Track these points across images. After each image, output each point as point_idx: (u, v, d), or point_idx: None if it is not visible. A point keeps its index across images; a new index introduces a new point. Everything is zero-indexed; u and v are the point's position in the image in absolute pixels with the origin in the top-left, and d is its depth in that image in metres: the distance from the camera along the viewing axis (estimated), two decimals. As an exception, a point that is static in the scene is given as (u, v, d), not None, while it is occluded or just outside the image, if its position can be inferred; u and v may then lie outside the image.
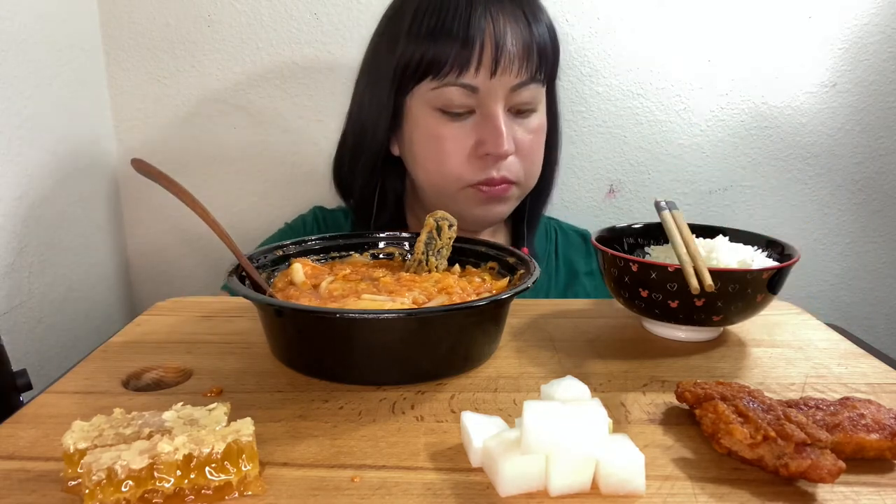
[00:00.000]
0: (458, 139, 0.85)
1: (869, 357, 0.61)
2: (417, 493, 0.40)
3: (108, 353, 0.61)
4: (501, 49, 0.81)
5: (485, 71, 0.82)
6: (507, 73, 0.82)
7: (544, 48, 0.86)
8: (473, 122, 0.85)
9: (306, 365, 0.56)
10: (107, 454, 0.38)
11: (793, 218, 1.21)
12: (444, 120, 0.85)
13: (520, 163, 0.88)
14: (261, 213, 1.21)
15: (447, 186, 0.89)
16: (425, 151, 0.88)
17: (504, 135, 0.83)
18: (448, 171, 0.87)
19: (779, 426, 0.42)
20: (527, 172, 0.90)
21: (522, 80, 0.84)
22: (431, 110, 0.85)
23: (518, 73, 0.83)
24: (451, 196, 0.89)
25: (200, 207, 0.58)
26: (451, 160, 0.86)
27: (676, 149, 1.17)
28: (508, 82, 0.83)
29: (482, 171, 0.86)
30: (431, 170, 0.89)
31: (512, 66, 0.82)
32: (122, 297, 1.21)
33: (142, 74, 1.14)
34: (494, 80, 0.82)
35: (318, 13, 1.12)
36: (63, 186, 1.01)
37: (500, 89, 0.83)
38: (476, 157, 0.85)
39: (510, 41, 0.82)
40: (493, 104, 0.83)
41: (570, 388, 0.45)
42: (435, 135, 0.86)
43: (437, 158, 0.87)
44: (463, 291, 0.60)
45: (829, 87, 1.14)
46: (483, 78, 0.82)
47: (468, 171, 0.86)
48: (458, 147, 0.85)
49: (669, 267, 0.58)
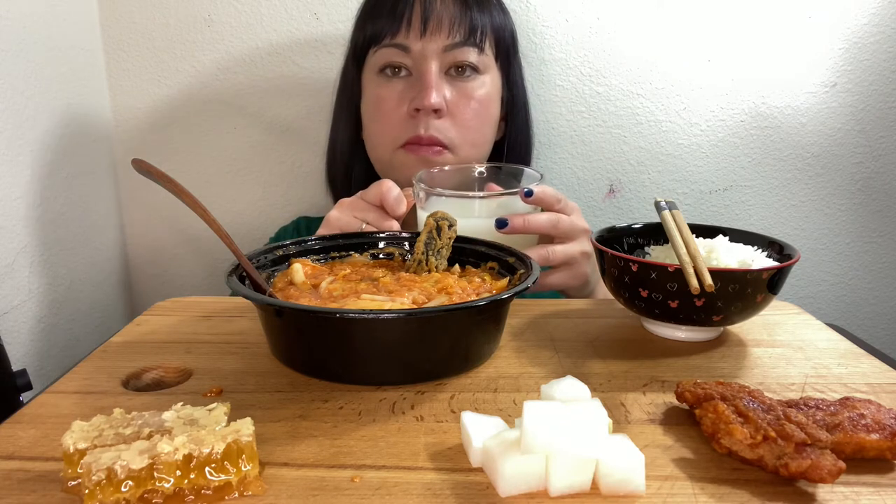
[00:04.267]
0: (395, 99, 0.92)
1: (869, 357, 0.61)
2: (417, 493, 0.40)
3: (108, 353, 0.61)
4: (429, 11, 0.89)
5: (415, 32, 0.90)
6: (437, 34, 0.90)
7: (481, 18, 0.92)
8: (409, 82, 0.92)
9: (306, 365, 0.56)
10: (107, 454, 0.38)
11: (793, 218, 1.21)
12: (383, 82, 0.93)
13: (453, 127, 0.92)
14: (261, 213, 1.21)
15: (384, 151, 0.95)
16: (369, 116, 0.96)
17: (432, 88, 0.89)
18: (384, 130, 0.94)
19: (779, 426, 0.42)
20: (461, 138, 0.93)
21: (455, 42, 0.90)
22: (374, 76, 0.94)
23: (450, 34, 0.90)
24: (388, 163, 0.95)
25: (200, 207, 0.58)
26: (386, 120, 0.93)
27: (676, 149, 1.17)
28: (440, 42, 0.90)
29: (413, 129, 0.91)
30: (371, 133, 0.97)
31: (441, 27, 0.90)
32: (122, 297, 1.21)
33: (142, 74, 1.14)
34: (425, 39, 0.90)
35: (318, 13, 1.12)
36: (63, 186, 1.01)
37: (431, 49, 0.90)
38: (408, 115, 0.92)
39: (438, 4, 0.90)
40: (424, 62, 0.91)
41: (570, 388, 0.45)
42: (375, 97, 0.94)
43: (375, 119, 0.95)
44: (463, 291, 0.60)
45: (829, 87, 1.14)
46: (414, 39, 0.90)
47: (400, 130, 0.92)
48: (395, 107, 0.92)
49: (669, 267, 0.58)
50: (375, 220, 0.77)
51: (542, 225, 0.76)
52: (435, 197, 0.80)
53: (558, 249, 0.77)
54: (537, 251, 0.76)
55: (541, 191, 0.76)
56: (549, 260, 0.77)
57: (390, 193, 0.77)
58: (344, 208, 0.79)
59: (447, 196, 0.79)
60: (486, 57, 0.94)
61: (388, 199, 0.76)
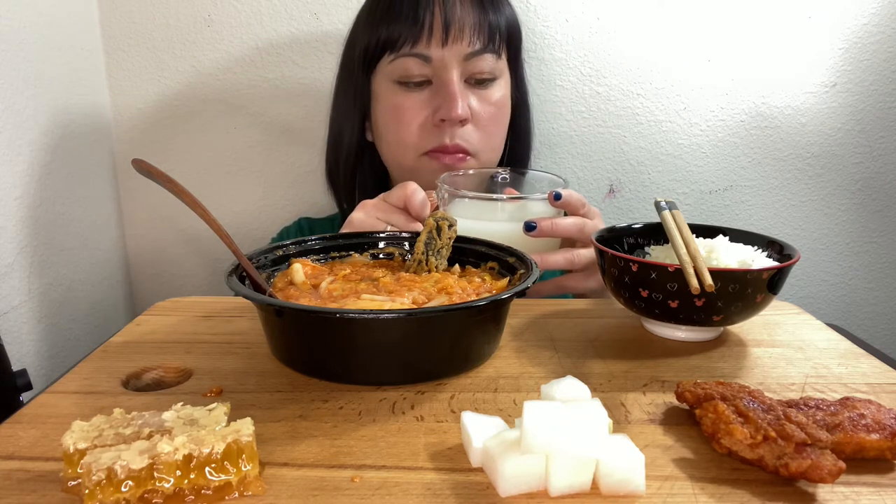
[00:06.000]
0: (416, 108, 0.90)
1: (869, 357, 0.61)
2: (417, 493, 0.40)
3: (108, 353, 0.61)
4: (450, 19, 0.87)
5: (436, 41, 0.87)
6: (458, 42, 0.88)
7: (497, 20, 0.90)
8: (430, 91, 0.91)
9: (306, 365, 0.56)
10: (107, 454, 0.38)
11: (793, 218, 1.21)
12: (402, 91, 0.91)
13: (476, 133, 0.92)
14: (261, 213, 1.21)
15: (406, 157, 0.93)
16: (386, 124, 0.93)
17: (458, 99, 0.88)
18: (405, 139, 0.91)
19: (779, 426, 0.42)
20: (483, 144, 0.93)
21: (475, 49, 0.89)
22: (391, 84, 0.91)
23: (470, 42, 0.88)
24: (410, 168, 0.93)
25: (200, 207, 0.58)
26: (408, 129, 0.91)
27: (676, 149, 1.17)
28: (461, 51, 0.88)
29: (437, 138, 0.90)
30: (391, 141, 0.94)
31: (462, 35, 0.88)
32: (122, 297, 1.21)
33: (142, 74, 1.14)
34: (446, 49, 0.88)
35: (318, 13, 1.12)
36: (63, 186, 1.01)
37: (453, 58, 0.88)
38: (433, 125, 0.90)
39: (458, 12, 0.88)
40: (446, 72, 0.89)
41: (570, 388, 0.45)
42: (394, 106, 0.91)
43: (396, 129, 0.92)
44: (463, 291, 0.60)
45: (829, 87, 1.14)
46: (435, 47, 0.88)
47: (424, 139, 0.91)
48: (416, 116, 0.90)
49: (669, 267, 0.58)
50: (400, 222, 0.76)
51: (568, 229, 0.76)
52: (458, 199, 0.81)
53: (583, 253, 0.78)
54: (562, 254, 0.77)
55: (567, 195, 0.77)
56: (574, 263, 0.77)
57: (415, 196, 0.75)
58: (368, 210, 0.77)
59: (470, 198, 0.79)
60: (502, 60, 0.93)
61: (414, 203, 0.75)
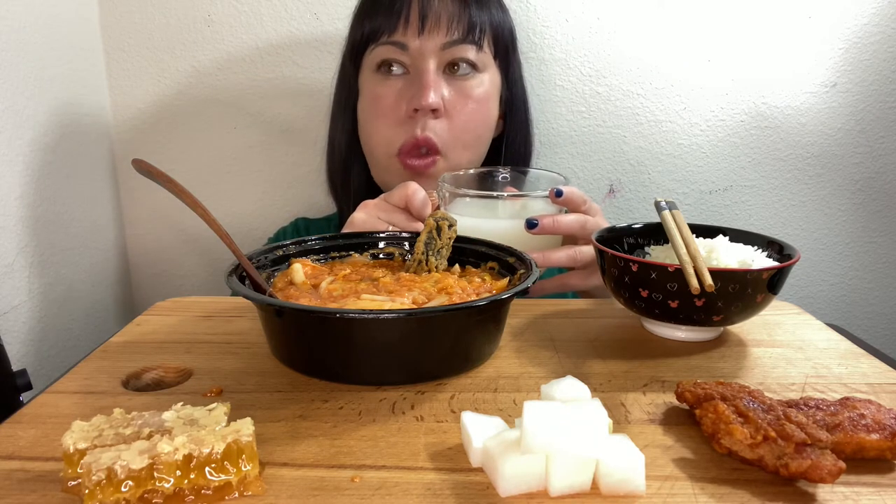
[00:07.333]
0: (392, 97, 0.91)
1: (869, 357, 0.61)
2: (417, 493, 0.40)
3: (108, 353, 0.61)
4: (427, 10, 0.88)
5: (412, 30, 0.89)
6: (435, 32, 0.89)
7: (480, 15, 0.91)
8: (407, 81, 0.92)
9: (306, 365, 0.56)
10: (106, 454, 0.38)
11: (793, 218, 1.21)
12: (380, 80, 0.93)
13: (448, 129, 0.92)
14: (261, 213, 1.21)
15: (379, 153, 0.94)
16: (366, 114, 0.95)
17: (430, 87, 0.89)
18: (381, 131, 0.93)
19: (779, 426, 0.42)
20: (454, 140, 0.92)
21: (453, 39, 0.90)
22: (372, 73, 0.93)
23: (448, 31, 0.89)
24: (384, 168, 0.95)
25: (200, 207, 0.58)
26: (384, 119, 0.92)
27: (676, 149, 1.17)
28: (438, 40, 0.89)
29: (409, 130, 0.91)
30: (369, 132, 0.95)
31: (439, 25, 0.89)
32: (122, 297, 1.21)
33: (142, 74, 1.14)
34: (423, 38, 0.89)
35: (318, 13, 1.12)
36: (63, 186, 1.01)
37: (429, 47, 0.90)
38: (407, 116, 0.91)
39: (436, 4, 0.89)
40: (423, 61, 0.90)
41: (570, 388, 0.45)
42: (373, 96, 0.93)
43: (373, 119, 0.94)
44: (463, 291, 0.60)
45: (829, 87, 1.14)
46: (412, 36, 0.89)
47: (397, 133, 0.91)
48: (392, 107, 0.91)
49: (669, 267, 0.58)
50: (401, 222, 0.76)
51: (570, 226, 0.76)
52: (459, 198, 0.80)
53: (584, 250, 0.77)
54: (565, 251, 0.77)
55: (569, 191, 0.77)
56: (577, 260, 0.77)
57: (416, 196, 0.75)
58: (369, 210, 0.77)
59: (471, 197, 0.79)
60: (485, 55, 0.93)
61: (415, 203, 0.75)
